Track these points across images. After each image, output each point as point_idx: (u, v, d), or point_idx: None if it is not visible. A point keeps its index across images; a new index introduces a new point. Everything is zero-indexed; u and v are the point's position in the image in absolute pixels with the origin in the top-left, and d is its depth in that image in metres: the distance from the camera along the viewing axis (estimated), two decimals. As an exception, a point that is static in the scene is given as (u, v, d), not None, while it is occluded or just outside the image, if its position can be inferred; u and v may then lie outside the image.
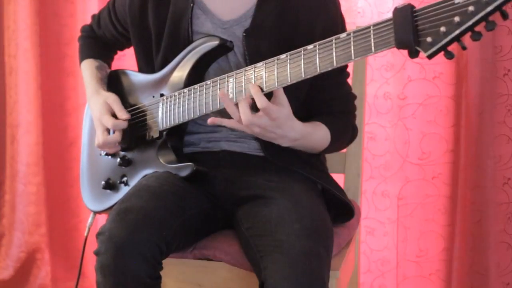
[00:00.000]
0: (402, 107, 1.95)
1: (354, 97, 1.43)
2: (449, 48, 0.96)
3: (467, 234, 1.86)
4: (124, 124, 1.38)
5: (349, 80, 1.43)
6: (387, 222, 2.01)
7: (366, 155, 1.98)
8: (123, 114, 1.39)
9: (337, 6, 1.36)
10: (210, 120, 1.22)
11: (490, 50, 1.76)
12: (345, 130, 1.39)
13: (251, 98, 1.18)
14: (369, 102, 1.96)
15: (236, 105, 1.19)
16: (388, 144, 1.98)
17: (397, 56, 1.92)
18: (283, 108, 1.17)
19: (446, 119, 1.92)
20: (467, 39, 0.95)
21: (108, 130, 1.40)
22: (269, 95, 1.17)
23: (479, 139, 1.81)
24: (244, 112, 1.16)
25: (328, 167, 1.47)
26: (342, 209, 1.36)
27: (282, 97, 1.17)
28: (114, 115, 1.40)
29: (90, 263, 2.24)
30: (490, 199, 1.81)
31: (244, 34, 1.30)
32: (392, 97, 1.95)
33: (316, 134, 1.30)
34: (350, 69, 1.43)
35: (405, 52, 1.00)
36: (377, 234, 2.03)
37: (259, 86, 1.17)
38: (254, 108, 1.17)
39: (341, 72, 1.38)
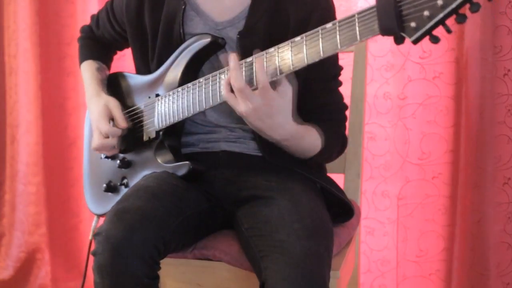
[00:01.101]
0: (402, 107, 1.95)
1: (346, 107, 1.40)
2: (435, 32, 0.95)
3: (467, 234, 1.86)
4: (119, 132, 1.39)
5: (349, 80, 1.43)
6: (387, 222, 2.01)
7: (366, 155, 1.98)
8: (122, 122, 1.39)
9: (330, 5, 1.36)
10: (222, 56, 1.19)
11: (490, 50, 1.75)
12: (335, 140, 1.36)
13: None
14: (369, 102, 1.96)
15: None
16: (388, 144, 1.98)
17: (397, 56, 1.92)
18: (281, 99, 1.14)
19: (446, 119, 1.92)
20: (468, 38, 0.95)
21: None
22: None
23: (479, 139, 1.81)
24: (235, 76, 1.13)
25: (328, 167, 1.47)
26: (341, 209, 1.36)
27: (286, 86, 1.14)
28: (113, 119, 1.40)
29: (91, 264, 2.25)
30: (490, 199, 1.81)
31: (238, 36, 1.30)
32: (392, 97, 1.95)
33: (307, 138, 1.27)
34: (350, 69, 1.43)
35: (405, 52, 1.00)
36: (377, 234, 2.03)
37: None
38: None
39: (333, 78, 1.37)
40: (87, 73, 1.53)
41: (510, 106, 1.77)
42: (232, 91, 1.16)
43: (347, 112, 1.40)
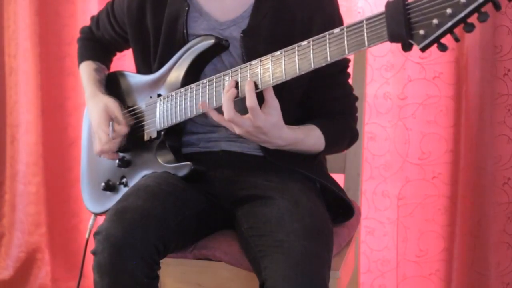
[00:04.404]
0: (402, 107, 1.95)
1: (356, 98, 1.42)
2: (443, 40, 0.96)
3: (467, 234, 1.86)
4: (122, 133, 1.39)
5: (349, 81, 1.43)
6: (387, 222, 2.01)
7: (366, 155, 1.98)
8: (123, 123, 1.39)
9: (334, 6, 1.36)
10: (201, 103, 1.23)
11: (490, 50, 1.75)
12: (342, 134, 1.37)
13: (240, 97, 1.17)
14: (369, 102, 1.96)
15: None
16: (388, 144, 1.98)
17: (397, 56, 1.92)
18: (271, 116, 1.16)
19: (446, 119, 1.92)
20: (468, 38, 0.95)
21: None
22: (261, 100, 1.16)
23: (479, 139, 1.81)
24: (226, 107, 1.16)
25: (328, 167, 1.47)
26: (341, 209, 1.36)
27: (272, 104, 1.16)
28: (113, 120, 1.40)
29: (91, 263, 2.25)
30: (490, 199, 1.81)
31: (242, 34, 1.30)
32: (392, 97, 1.95)
33: (307, 141, 1.28)
34: (350, 69, 1.43)
35: (406, 52, 1.00)
36: (377, 234, 2.03)
37: (254, 83, 1.16)
38: (243, 110, 1.17)
39: (342, 72, 1.38)
40: (85, 73, 1.53)
41: (510, 106, 1.77)
42: None
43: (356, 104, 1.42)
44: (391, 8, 0.98)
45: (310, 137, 1.29)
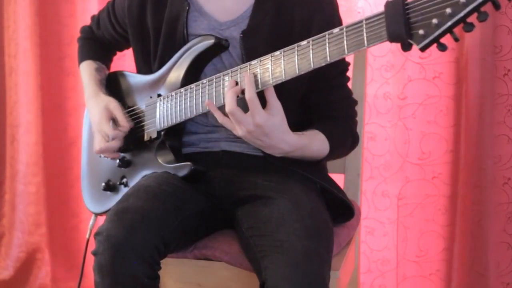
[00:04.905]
0: (402, 107, 1.95)
1: (355, 102, 1.42)
2: (442, 40, 0.96)
3: (467, 234, 1.86)
4: (122, 133, 1.39)
5: (349, 84, 1.43)
6: (387, 222, 2.01)
7: (366, 155, 1.98)
8: (124, 123, 1.39)
9: (334, 7, 1.36)
10: (207, 101, 1.22)
11: (490, 50, 1.75)
12: (344, 138, 1.37)
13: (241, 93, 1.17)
14: (369, 102, 1.96)
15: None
16: (388, 144, 1.98)
17: (397, 56, 1.92)
18: (273, 117, 1.16)
19: (446, 119, 1.92)
20: (468, 38, 0.95)
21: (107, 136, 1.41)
22: (264, 104, 1.16)
23: (479, 139, 1.81)
24: (229, 100, 1.16)
25: (328, 167, 1.47)
26: (342, 209, 1.36)
27: (275, 105, 1.16)
28: (113, 120, 1.40)
29: (91, 263, 2.25)
30: (490, 199, 1.81)
31: (241, 35, 1.30)
32: (392, 97, 1.95)
33: (312, 146, 1.28)
34: (350, 69, 1.43)
35: (405, 52, 1.01)
36: (377, 234, 2.03)
37: (253, 75, 1.16)
38: (245, 108, 1.16)
39: (341, 74, 1.38)
40: (86, 73, 1.53)
41: (510, 106, 1.77)
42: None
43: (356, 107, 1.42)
44: (390, 8, 0.98)
45: (315, 142, 1.29)
